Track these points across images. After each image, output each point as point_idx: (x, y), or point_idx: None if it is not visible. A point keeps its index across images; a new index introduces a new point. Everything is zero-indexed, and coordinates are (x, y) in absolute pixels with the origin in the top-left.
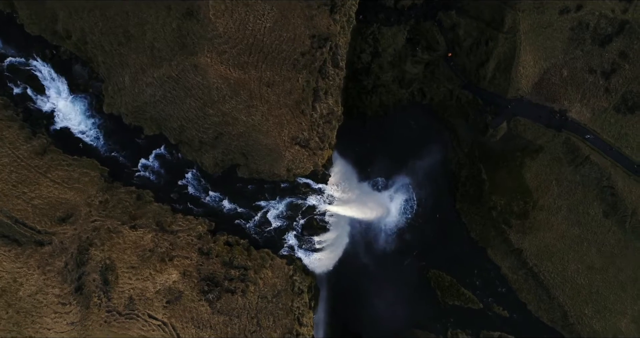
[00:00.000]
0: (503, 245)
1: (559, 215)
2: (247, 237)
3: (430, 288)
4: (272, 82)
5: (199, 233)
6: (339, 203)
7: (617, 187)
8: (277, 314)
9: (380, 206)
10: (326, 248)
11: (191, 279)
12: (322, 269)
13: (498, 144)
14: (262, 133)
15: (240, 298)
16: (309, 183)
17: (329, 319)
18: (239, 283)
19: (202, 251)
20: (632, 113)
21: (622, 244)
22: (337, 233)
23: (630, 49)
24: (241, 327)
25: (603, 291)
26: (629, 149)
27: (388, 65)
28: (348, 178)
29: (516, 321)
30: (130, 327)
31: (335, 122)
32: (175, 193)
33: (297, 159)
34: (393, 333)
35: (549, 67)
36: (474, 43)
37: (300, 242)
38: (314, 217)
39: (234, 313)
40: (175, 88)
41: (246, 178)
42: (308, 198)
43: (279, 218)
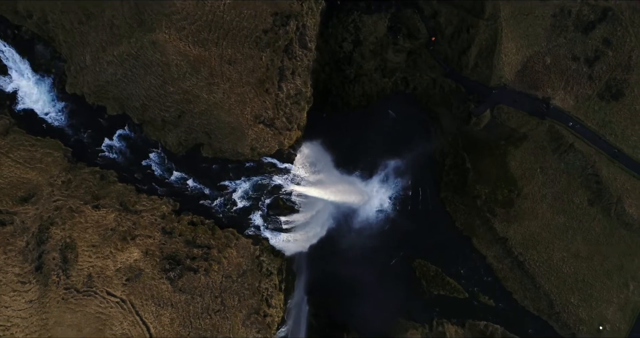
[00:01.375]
0: (488, 234)
1: (544, 204)
2: (212, 217)
3: (416, 278)
4: (234, 59)
5: (163, 213)
6: (308, 184)
7: (602, 175)
8: (243, 294)
9: (360, 192)
10: (296, 229)
11: (153, 258)
12: (293, 251)
13: (482, 132)
14: (224, 111)
15: (203, 277)
16: (275, 163)
17: (313, 309)
18: (202, 262)
19: (165, 230)
20: (616, 100)
21: (608, 232)
22: (309, 215)
23: (613, 36)
24: (204, 306)
25: (589, 279)
26: (613, 136)
27: (370, 54)
28: (322, 162)
29: (502, 310)
30: (87, 304)
31: (304, 103)
32: (140, 174)
33: (261, 138)
34: (378, 323)
35: (532, 55)
36: (456, 31)
37: (267, 222)
38: (279, 197)
39: (196, 292)
40: (135, 66)
41: (210, 157)
42: (274, 178)
43: (244, 198)
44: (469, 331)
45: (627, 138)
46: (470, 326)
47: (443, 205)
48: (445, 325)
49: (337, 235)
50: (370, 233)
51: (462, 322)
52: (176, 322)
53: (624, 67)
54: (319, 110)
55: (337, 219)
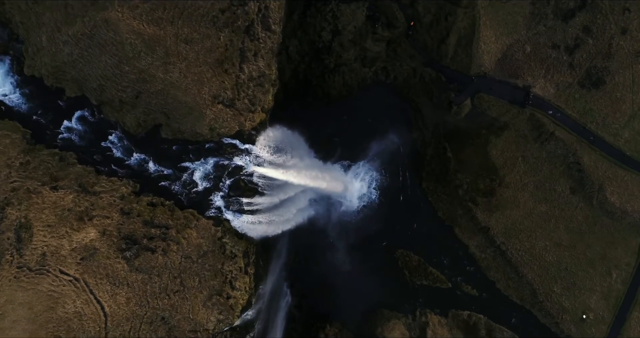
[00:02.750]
0: (470, 224)
1: (526, 192)
2: (173, 198)
3: (398, 268)
4: (191, 39)
5: (122, 194)
6: (274, 166)
7: (583, 163)
8: (204, 275)
9: (339, 181)
10: (261, 212)
11: (110, 238)
12: (260, 235)
13: (463, 121)
14: (180, 90)
15: (161, 257)
16: (235, 144)
17: (295, 301)
18: (160, 242)
19: (124, 211)
20: (597, 88)
21: (590, 220)
22: (277, 199)
23: (593, 24)
24: (162, 286)
25: (572, 268)
26: (594, 124)
27: (349, 44)
28: (296, 147)
29: (485, 300)
30: (39, 282)
31: (268, 85)
32: (99, 155)
33: (219, 118)
34: (361, 314)
35: (512, 43)
36: (434, 19)
37: (228, 203)
38: (240, 178)
39: (153, 272)
40: (90, 46)
41: (170, 138)
42: (234, 159)
43: (205, 179)
44: (452, 321)
45: (608, 126)
46: (453, 316)
47: (425, 195)
48: (428, 315)
49: (319, 225)
50: (353, 223)
51: (445, 311)
52: (132, 301)
53: (605, 55)
54: (299, 99)
55: (317, 208)
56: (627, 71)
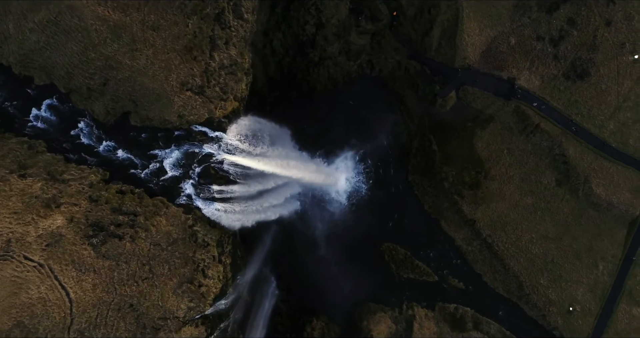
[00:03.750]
0: (456, 217)
1: (512, 185)
2: (142, 186)
3: (385, 261)
4: (158, 25)
5: (91, 182)
6: (246, 155)
7: (569, 155)
8: (174, 263)
9: (324, 173)
10: (235, 200)
11: (78, 225)
12: (234, 224)
13: (448, 114)
14: (148, 77)
15: (129, 244)
16: (205, 131)
17: (283, 295)
18: (128, 229)
19: (92, 199)
20: (582, 80)
21: (576, 212)
22: (254, 189)
23: (578, 16)
24: (130, 273)
25: (558, 260)
26: (579, 115)
27: (333, 37)
28: (276, 138)
29: (472, 293)
30: (3, 268)
31: (241, 74)
32: (69, 143)
33: (188, 105)
34: (348, 307)
35: (496, 35)
36: (418, 11)
37: (198, 191)
38: (210, 166)
39: (121, 259)
40: (56, 32)
41: (139, 126)
42: (204, 147)
43: (174, 166)
44: (439, 314)
45: (593, 117)
46: (440, 309)
47: (411, 188)
48: (415, 308)
49: (305, 218)
50: (339, 217)
51: (432, 305)
52: (99, 287)
53: (589, 47)
54: (284, 92)
55: (302, 201)
56: (612, 63)
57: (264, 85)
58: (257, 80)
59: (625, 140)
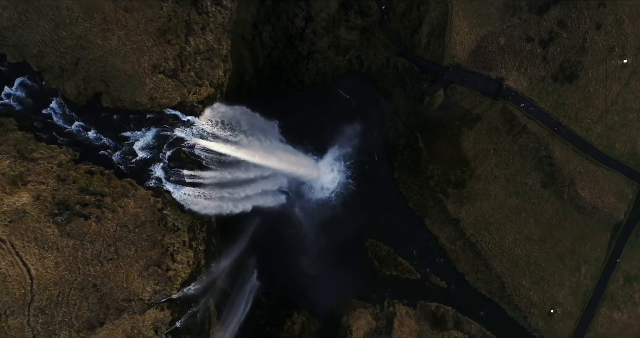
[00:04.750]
0: (440, 215)
1: (497, 185)
2: (112, 167)
3: (368, 258)
4: (130, 7)
5: (60, 162)
6: (220, 141)
7: (555, 157)
8: (141, 245)
9: (309, 166)
10: (208, 186)
11: (44, 203)
12: (208, 210)
13: (435, 112)
14: (119, 58)
15: (95, 224)
16: (177, 115)
17: (264, 287)
18: (94, 209)
19: (60, 178)
20: (570, 82)
21: (560, 215)
22: (229, 176)
23: (568, 18)
24: (95, 253)
25: (541, 262)
26: (566, 118)
27: (322, 31)
28: (254, 127)
29: (454, 292)
30: None
31: (217, 60)
32: (40, 122)
33: (160, 88)
34: (329, 302)
35: (486, 35)
36: (407, 8)
37: (168, 175)
38: (181, 150)
39: (86, 238)
40: (28, 10)
41: (111, 107)
42: (175, 130)
43: (145, 149)
44: (420, 312)
45: (580, 120)
46: (421, 307)
47: (396, 185)
48: (396, 305)
49: (289, 211)
50: (323, 211)
51: (413, 302)
52: (62, 266)
53: (579, 49)
54: (273, 84)
55: (286, 193)
56: (601, 66)
57: (252, 77)
58: (245, 72)
59: (611, 143)
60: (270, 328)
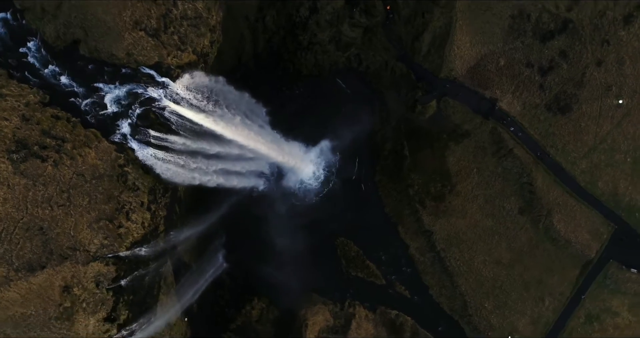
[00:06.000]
0: (415, 225)
1: (475, 204)
2: (80, 116)
3: (336, 256)
4: None
5: (28, 102)
6: (192, 109)
7: (537, 185)
8: (95, 197)
9: (290, 155)
10: (175, 152)
11: (3, 139)
12: (174, 177)
13: (426, 122)
14: (101, 7)
15: (51, 168)
16: (153, 75)
17: (230, 268)
18: (53, 153)
19: (25, 117)
20: (563, 114)
21: (533, 243)
22: (199, 145)
23: (571, 49)
24: (46, 196)
25: (506, 287)
26: (553, 148)
27: (326, 24)
28: (238, 103)
29: (416, 303)
30: None
31: (205, 29)
32: (14, 60)
33: (139, 45)
34: (291, 294)
35: (487, 53)
36: (412, 13)
37: (134, 132)
38: (151, 109)
39: (39, 180)
40: None
41: (87, 56)
42: (148, 89)
43: (115, 103)
44: (379, 317)
45: (567, 153)
46: (381, 313)
47: (376, 188)
48: (357, 307)
49: (267, 198)
50: (301, 203)
51: (374, 307)
52: (10, 203)
53: (576, 83)
54: (269, 69)
55: (268, 180)
56: (596, 103)
57: (250, 58)
58: (244, 53)
59: (594, 181)
60: (229, 310)
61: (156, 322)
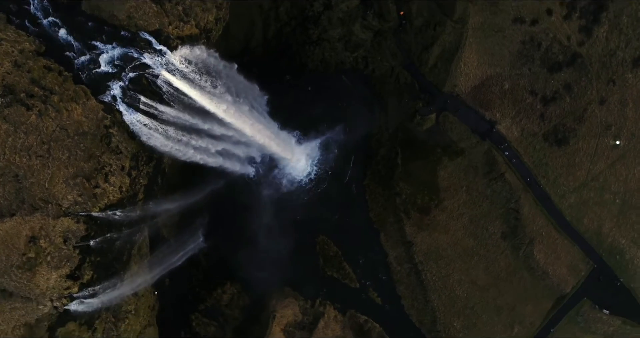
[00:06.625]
0: (397, 234)
1: (459, 222)
2: (73, 72)
3: (315, 252)
4: None
5: (23, 49)
6: (185, 81)
7: (523, 212)
8: (76, 153)
9: (283, 145)
10: (162, 121)
11: None
12: (159, 146)
13: (422, 133)
14: None
15: (35, 117)
16: (151, 41)
17: (207, 248)
18: (39, 103)
19: (17, 63)
20: (559, 146)
21: (511, 269)
22: (187, 117)
23: (576, 84)
24: (26, 145)
25: (478, 309)
26: (545, 179)
27: (338, 21)
28: (238, 86)
29: (386, 311)
30: None
31: (211, 5)
32: (15, 5)
33: (141, 9)
34: (265, 284)
35: (493, 75)
36: (424, 24)
37: (124, 96)
38: (144, 75)
39: (21, 128)
40: None
41: (88, 13)
42: (145, 55)
43: (109, 63)
44: (348, 320)
45: (557, 185)
46: (351, 316)
47: (364, 192)
48: (327, 307)
49: (255, 186)
50: (288, 195)
51: (344, 309)
52: None
53: (577, 117)
54: (276, 59)
55: (258, 168)
56: (593, 140)
57: (259, 45)
58: (253, 38)
59: (580, 217)
60: (200, 290)
61: (122, 289)
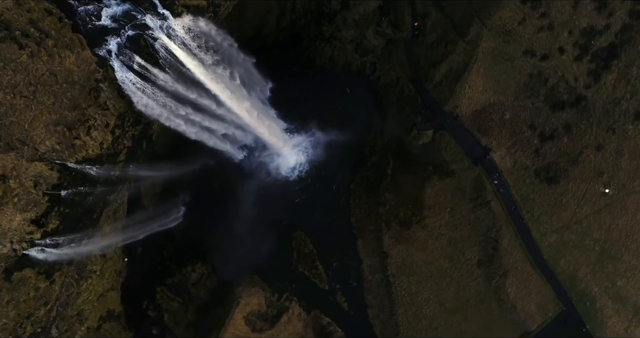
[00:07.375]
0: (374, 243)
1: (437, 242)
2: (73, 20)
3: (290, 247)
4: None
5: None
6: (183, 48)
7: (502, 243)
8: (61, 101)
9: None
10: (153, 85)
11: None
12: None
13: (417, 148)
14: None
15: (26, 57)
16: (156, 4)
17: (185, 224)
18: (33, 44)
19: (18, 1)
20: (549, 184)
21: (480, 298)
22: (180, 87)
23: (576, 126)
24: (12, 83)
25: (441, 331)
26: (529, 214)
27: (352, 23)
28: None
29: (351, 317)
30: None
31: None
32: None
33: None
34: (235, 269)
35: (495, 103)
36: (436, 40)
37: (120, 52)
38: (143, 36)
39: (10, 65)
40: None
41: None
42: (147, 16)
43: (111, 18)
44: (311, 320)
45: (540, 222)
46: (315, 316)
47: (349, 196)
48: (293, 302)
49: (243, 172)
50: (274, 187)
51: (309, 308)
52: None
53: (571, 159)
54: (285, 49)
55: (249, 155)
56: (583, 185)
57: (271, 33)
58: (266, 26)
59: (557, 258)
60: (169, 265)
61: (88, 246)
